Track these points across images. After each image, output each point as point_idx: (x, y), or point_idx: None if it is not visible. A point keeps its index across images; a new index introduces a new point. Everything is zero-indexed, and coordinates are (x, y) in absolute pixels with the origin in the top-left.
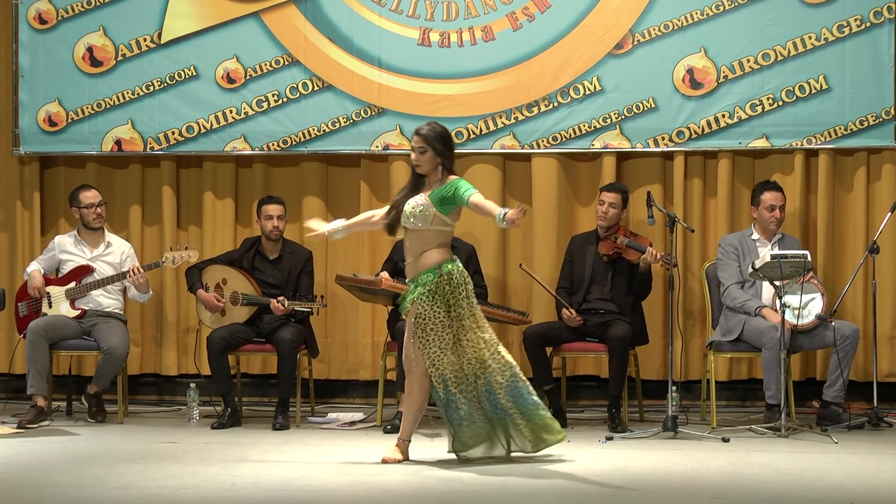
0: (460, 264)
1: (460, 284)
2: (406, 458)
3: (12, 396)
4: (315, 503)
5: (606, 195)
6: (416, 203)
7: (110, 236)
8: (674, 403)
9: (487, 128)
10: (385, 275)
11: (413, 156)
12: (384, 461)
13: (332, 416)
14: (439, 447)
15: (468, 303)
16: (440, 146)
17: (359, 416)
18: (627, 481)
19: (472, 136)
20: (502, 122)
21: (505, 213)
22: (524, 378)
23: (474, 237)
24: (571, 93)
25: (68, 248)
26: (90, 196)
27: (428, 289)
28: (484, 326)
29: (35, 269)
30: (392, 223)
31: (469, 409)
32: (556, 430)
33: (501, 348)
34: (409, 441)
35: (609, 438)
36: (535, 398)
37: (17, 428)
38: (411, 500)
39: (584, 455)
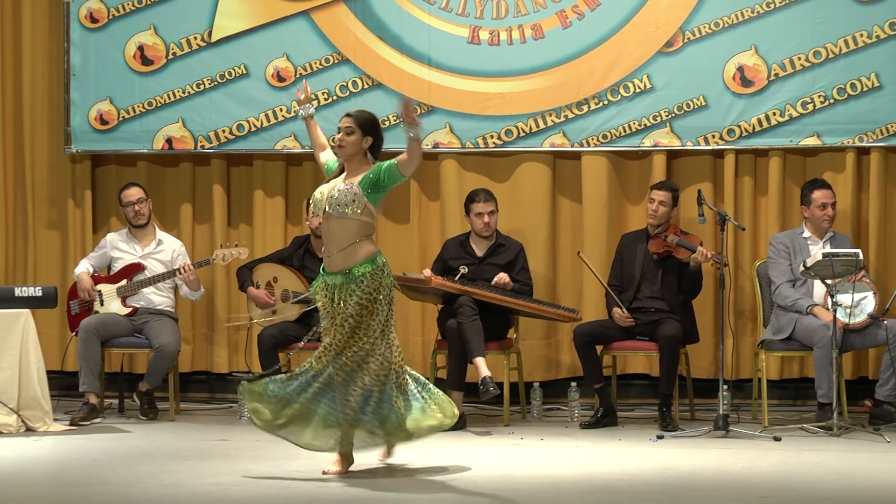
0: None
1: (388, 277)
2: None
3: (65, 394)
4: (363, 500)
5: (657, 193)
6: (345, 189)
7: (161, 234)
8: (725, 402)
9: (537, 126)
10: (429, 272)
11: (338, 136)
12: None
13: None
14: (488, 445)
15: (391, 298)
16: (370, 130)
17: None
18: (678, 480)
19: (522, 134)
20: (552, 121)
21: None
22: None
23: (522, 234)
24: (621, 91)
25: (119, 246)
26: (128, 194)
27: (367, 281)
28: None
29: (83, 270)
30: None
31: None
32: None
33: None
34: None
35: (660, 437)
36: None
37: (70, 425)
38: (461, 499)
39: (635, 454)
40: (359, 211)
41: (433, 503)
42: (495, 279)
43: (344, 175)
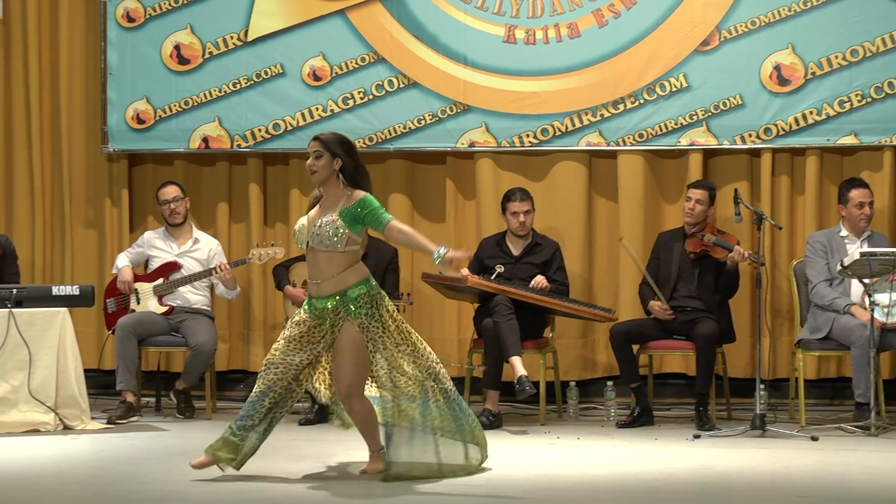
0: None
1: (385, 297)
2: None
3: (102, 392)
4: (399, 499)
5: (693, 192)
6: (327, 223)
7: (198, 233)
8: (762, 402)
9: (573, 125)
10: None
11: (308, 161)
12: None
13: None
14: (524, 444)
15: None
16: (339, 151)
17: None
18: (714, 480)
19: (558, 133)
20: (588, 119)
21: (446, 252)
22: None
23: (558, 234)
24: (658, 90)
25: (156, 244)
26: (165, 192)
27: (363, 301)
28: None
29: (125, 265)
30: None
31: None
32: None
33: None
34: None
35: (696, 436)
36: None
37: (107, 424)
38: (496, 499)
39: (672, 453)
40: (344, 243)
41: (468, 500)
42: (532, 282)
43: (322, 206)
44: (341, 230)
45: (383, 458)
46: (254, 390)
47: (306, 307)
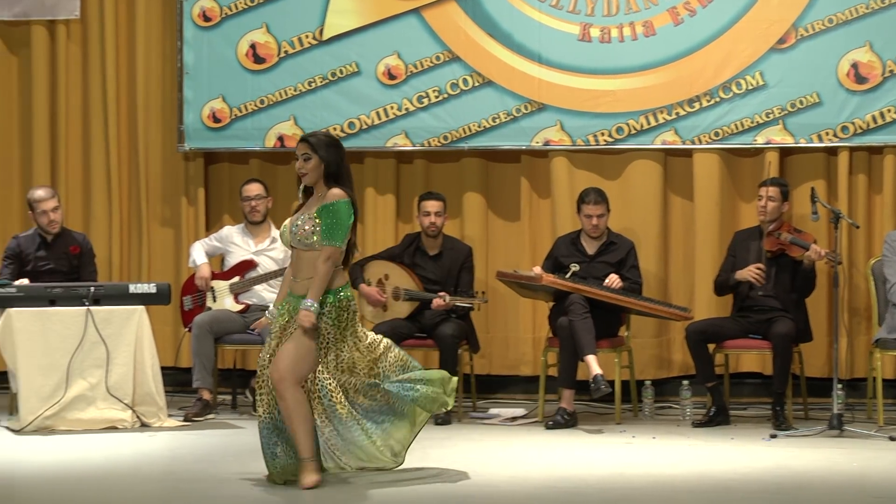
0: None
1: (354, 315)
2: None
3: (178, 390)
4: (476, 498)
5: (765, 189)
6: (304, 220)
7: (276, 232)
8: (839, 401)
9: (648, 123)
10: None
11: (298, 164)
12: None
13: (493, 411)
14: (599, 443)
15: (352, 331)
16: (326, 153)
17: (520, 411)
18: (791, 480)
19: (633, 131)
20: (663, 118)
21: (312, 306)
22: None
23: (633, 232)
24: (733, 88)
25: (235, 240)
26: (248, 189)
27: (329, 311)
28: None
29: (203, 262)
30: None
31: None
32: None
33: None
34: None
35: (773, 436)
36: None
37: (184, 421)
38: (573, 497)
39: (748, 453)
40: (318, 243)
41: (545, 500)
42: (606, 281)
43: (306, 205)
44: (317, 225)
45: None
46: (259, 413)
47: (280, 308)
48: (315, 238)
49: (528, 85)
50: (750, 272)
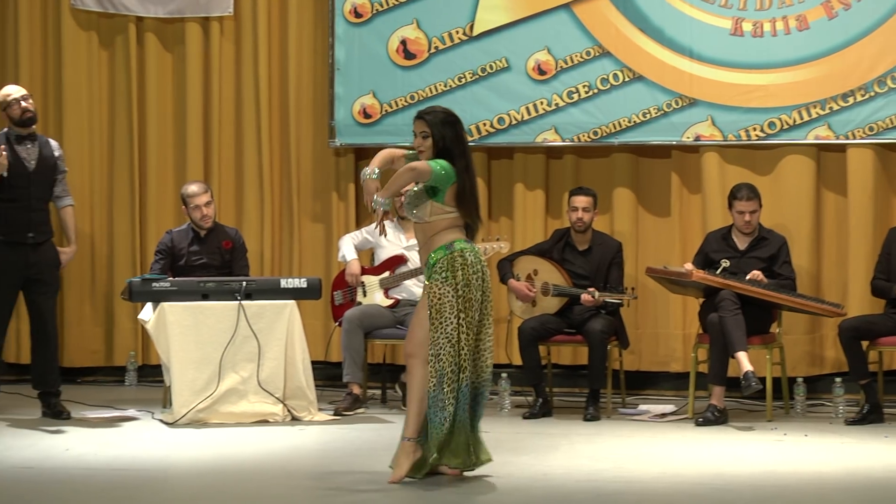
0: (477, 248)
1: (475, 265)
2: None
3: (328, 384)
4: (626, 495)
5: None
6: (411, 193)
7: None
8: None
9: (801, 118)
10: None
11: (416, 141)
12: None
13: (642, 407)
14: (750, 440)
15: (481, 291)
16: (443, 130)
17: (669, 408)
18: None
19: (786, 126)
20: (816, 113)
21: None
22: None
23: (785, 228)
24: (889, 82)
25: (387, 236)
26: None
27: (440, 265)
28: (488, 324)
29: (353, 258)
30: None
31: (451, 412)
32: (486, 451)
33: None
34: (416, 438)
35: None
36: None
37: (334, 415)
38: (724, 494)
39: None
40: (427, 213)
41: (695, 497)
42: (748, 276)
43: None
44: (422, 201)
45: (419, 446)
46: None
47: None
48: (419, 216)
49: (679, 80)
50: None
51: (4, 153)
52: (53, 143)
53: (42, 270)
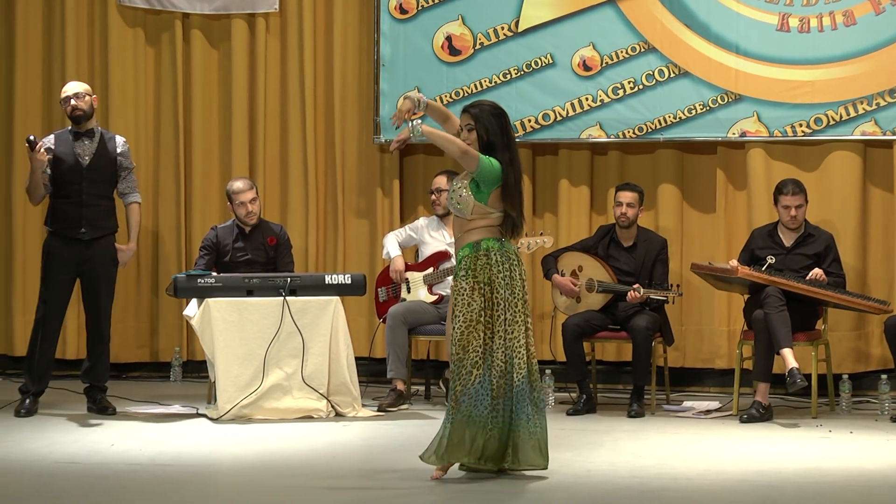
0: (510, 246)
1: (500, 264)
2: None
3: (373, 380)
4: (670, 491)
5: None
6: (457, 189)
7: None
8: None
9: (847, 114)
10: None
11: (463, 135)
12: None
13: (687, 404)
14: (795, 437)
15: (509, 290)
16: (482, 123)
17: (714, 404)
18: None
19: (832, 122)
20: (863, 108)
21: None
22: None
23: (831, 224)
24: None
25: (429, 232)
26: (436, 181)
27: (464, 264)
28: (521, 321)
29: (397, 254)
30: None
31: (482, 409)
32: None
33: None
34: None
35: None
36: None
37: (378, 411)
38: (769, 491)
39: None
40: (469, 210)
41: (739, 494)
42: (809, 275)
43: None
44: (467, 199)
45: None
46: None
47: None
48: (460, 206)
49: (725, 76)
50: None
51: (43, 150)
52: (119, 139)
53: (96, 266)
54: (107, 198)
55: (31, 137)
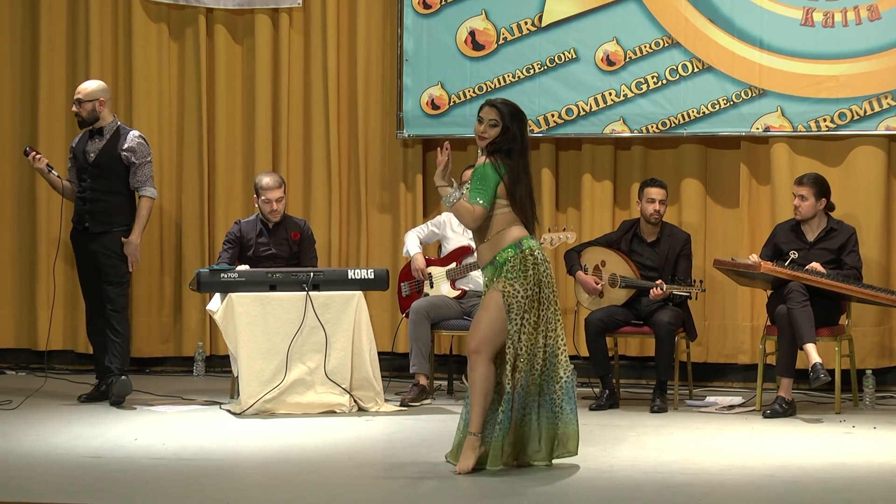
0: (537, 243)
1: (544, 262)
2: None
3: (395, 375)
4: (693, 487)
5: None
6: (466, 185)
7: None
8: None
9: (872, 109)
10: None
11: (481, 127)
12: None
13: (710, 399)
14: (819, 433)
15: (549, 288)
16: (510, 124)
17: (737, 399)
18: None
19: (856, 117)
20: (888, 103)
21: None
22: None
23: (855, 219)
24: None
25: (452, 227)
26: (465, 175)
27: (511, 265)
28: (559, 317)
29: (417, 252)
30: None
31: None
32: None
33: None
34: (480, 433)
35: None
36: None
37: (400, 406)
38: (792, 486)
39: None
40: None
41: (762, 489)
42: (807, 266)
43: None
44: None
45: (484, 440)
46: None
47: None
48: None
49: (749, 70)
50: None
51: (39, 156)
52: (132, 134)
53: (101, 260)
54: (116, 193)
55: (27, 148)
